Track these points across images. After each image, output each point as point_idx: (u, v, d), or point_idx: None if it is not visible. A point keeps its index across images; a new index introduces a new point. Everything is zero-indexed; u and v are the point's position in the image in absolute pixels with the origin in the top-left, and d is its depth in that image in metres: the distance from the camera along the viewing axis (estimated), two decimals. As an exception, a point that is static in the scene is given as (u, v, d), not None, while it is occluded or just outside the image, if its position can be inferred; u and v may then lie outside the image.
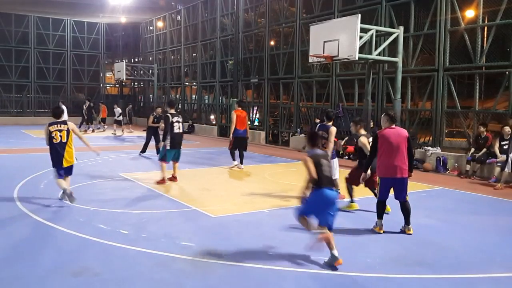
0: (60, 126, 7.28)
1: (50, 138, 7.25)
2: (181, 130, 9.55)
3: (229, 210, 7.39)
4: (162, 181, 9.38)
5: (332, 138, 8.05)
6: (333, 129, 8.08)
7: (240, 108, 12.06)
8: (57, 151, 7.22)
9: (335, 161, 8.26)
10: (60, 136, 7.19)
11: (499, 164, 10.43)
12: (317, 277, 4.62)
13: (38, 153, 14.38)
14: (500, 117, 12.71)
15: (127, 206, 7.40)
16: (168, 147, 9.34)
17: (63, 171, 7.38)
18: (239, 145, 11.74)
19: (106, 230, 6.04)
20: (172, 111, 9.61)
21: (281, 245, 5.58)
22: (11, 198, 7.81)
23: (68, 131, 7.27)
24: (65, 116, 20.51)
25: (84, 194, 8.23)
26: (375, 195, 7.27)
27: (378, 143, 6.15)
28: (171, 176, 9.64)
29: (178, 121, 9.46)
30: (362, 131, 7.58)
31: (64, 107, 21.00)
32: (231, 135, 11.81)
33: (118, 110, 22.73)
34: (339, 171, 8.46)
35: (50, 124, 7.28)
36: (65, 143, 7.24)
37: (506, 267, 5.04)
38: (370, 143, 6.84)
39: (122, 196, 8.22)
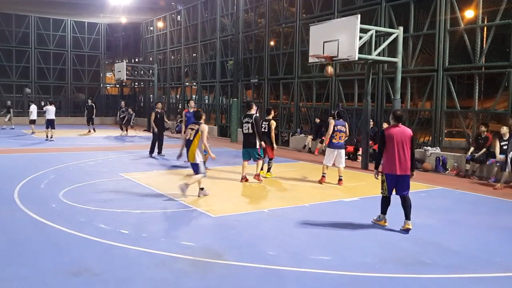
0: (194, 126, 8.21)
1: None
2: (249, 131, 9.78)
3: (229, 210, 7.40)
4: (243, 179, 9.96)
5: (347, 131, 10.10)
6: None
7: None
8: (187, 146, 8.23)
9: (343, 151, 10.08)
10: (190, 134, 8.14)
11: (498, 164, 10.46)
12: (317, 277, 4.62)
13: (38, 153, 14.40)
14: (499, 117, 12.71)
15: (127, 206, 7.40)
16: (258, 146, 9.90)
17: (192, 167, 8.22)
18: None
19: (106, 230, 6.05)
20: (250, 112, 9.90)
21: (281, 245, 5.59)
22: (11, 198, 7.82)
23: (196, 131, 8.06)
24: (33, 115, 20.95)
25: (84, 194, 8.26)
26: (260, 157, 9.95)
27: (385, 140, 6.39)
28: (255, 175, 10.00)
29: (247, 122, 9.77)
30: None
31: (34, 106, 21.41)
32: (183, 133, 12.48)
33: (33, 107, 21.36)
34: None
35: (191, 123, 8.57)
36: (191, 141, 8.07)
37: (506, 267, 5.05)
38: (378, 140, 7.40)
39: (122, 196, 8.23)
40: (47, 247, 5.34)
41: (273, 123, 10.55)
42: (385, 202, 6.50)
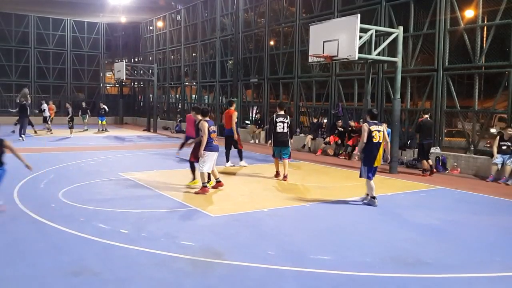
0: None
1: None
2: (284, 130, 10.10)
3: (229, 210, 7.40)
4: (276, 175, 10.45)
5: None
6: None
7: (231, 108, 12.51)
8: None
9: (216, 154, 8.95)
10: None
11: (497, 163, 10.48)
12: (317, 277, 4.62)
13: (38, 153, 14.39)
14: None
15: (127, 206, 7.40)
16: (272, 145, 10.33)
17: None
18: (226, 144, 12.33)
19: (106, 229, 6.05)
20: (281, 112, 10.30)
21: (281, 245, 5.59)
22: (11, 198, 7.82)
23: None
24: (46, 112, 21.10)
25: (84, 194, 8.26)
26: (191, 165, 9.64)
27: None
28: (281, 175, 10.30)
29: (282, 122, 10.11)
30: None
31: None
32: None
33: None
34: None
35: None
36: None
37: (506, 267, 5.05)
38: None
39: (122, 196, 8.23)
40: (47, 247, 5.33)
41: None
42: None
